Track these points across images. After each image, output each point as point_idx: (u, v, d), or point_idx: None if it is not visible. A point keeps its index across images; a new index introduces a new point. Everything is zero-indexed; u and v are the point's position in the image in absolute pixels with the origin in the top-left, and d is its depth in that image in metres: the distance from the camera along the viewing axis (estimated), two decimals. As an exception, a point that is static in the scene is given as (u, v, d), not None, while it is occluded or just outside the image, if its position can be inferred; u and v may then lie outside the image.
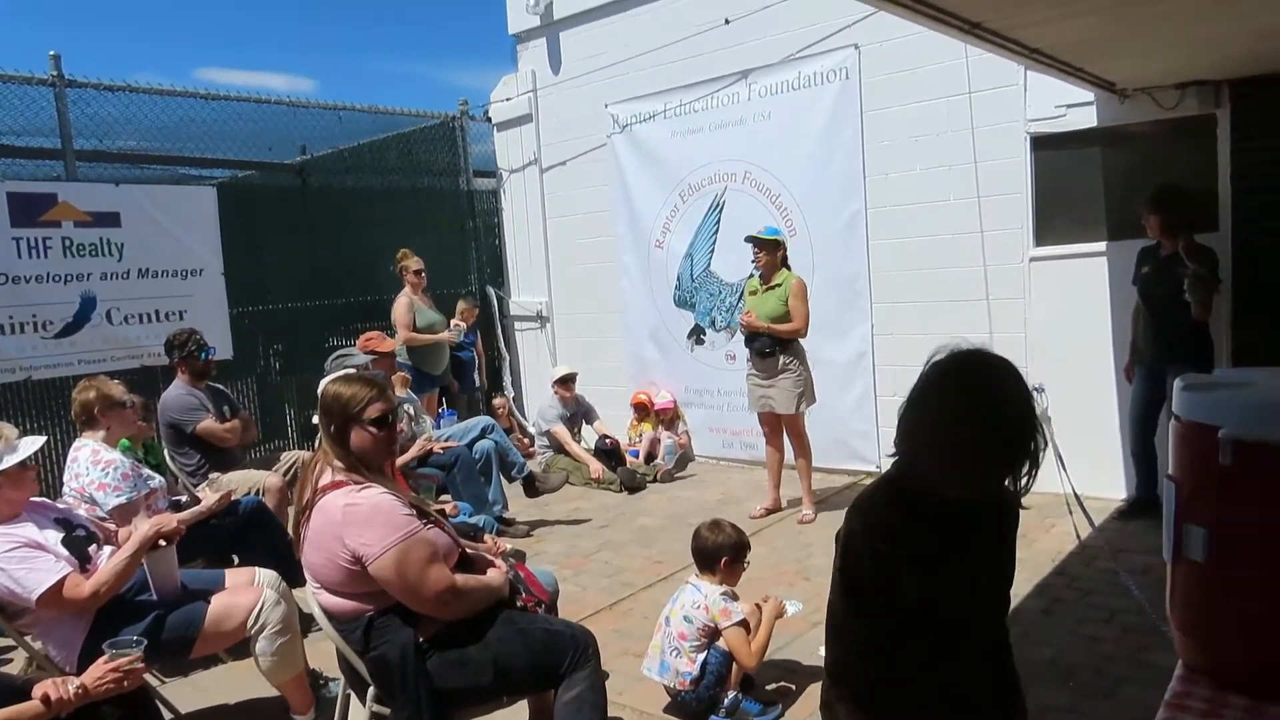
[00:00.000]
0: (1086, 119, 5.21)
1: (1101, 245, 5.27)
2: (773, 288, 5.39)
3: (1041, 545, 4.69)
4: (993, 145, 5.51)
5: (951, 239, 5.73)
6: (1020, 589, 4.11)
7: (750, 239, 5.45)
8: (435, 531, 2.54)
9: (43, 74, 5.85)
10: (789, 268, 5.48)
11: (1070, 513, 4.51)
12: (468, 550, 2.74)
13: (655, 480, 6.67)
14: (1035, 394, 5.00)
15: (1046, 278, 5.45)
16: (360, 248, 7.71)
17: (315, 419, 2.74)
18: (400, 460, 4.79)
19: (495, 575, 2.67)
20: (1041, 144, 5.40)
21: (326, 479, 2.49)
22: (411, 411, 5.43)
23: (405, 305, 6.69)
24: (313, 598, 2.52)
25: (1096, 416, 5.29)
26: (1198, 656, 1.52)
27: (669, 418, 7.13)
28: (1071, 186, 5.37)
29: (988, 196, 5.56)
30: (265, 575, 3.29)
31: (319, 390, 2.71)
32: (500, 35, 7.99)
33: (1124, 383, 5.15)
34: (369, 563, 2.36)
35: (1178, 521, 1.51)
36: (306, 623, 3.18)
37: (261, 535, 4.09)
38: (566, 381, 6.95)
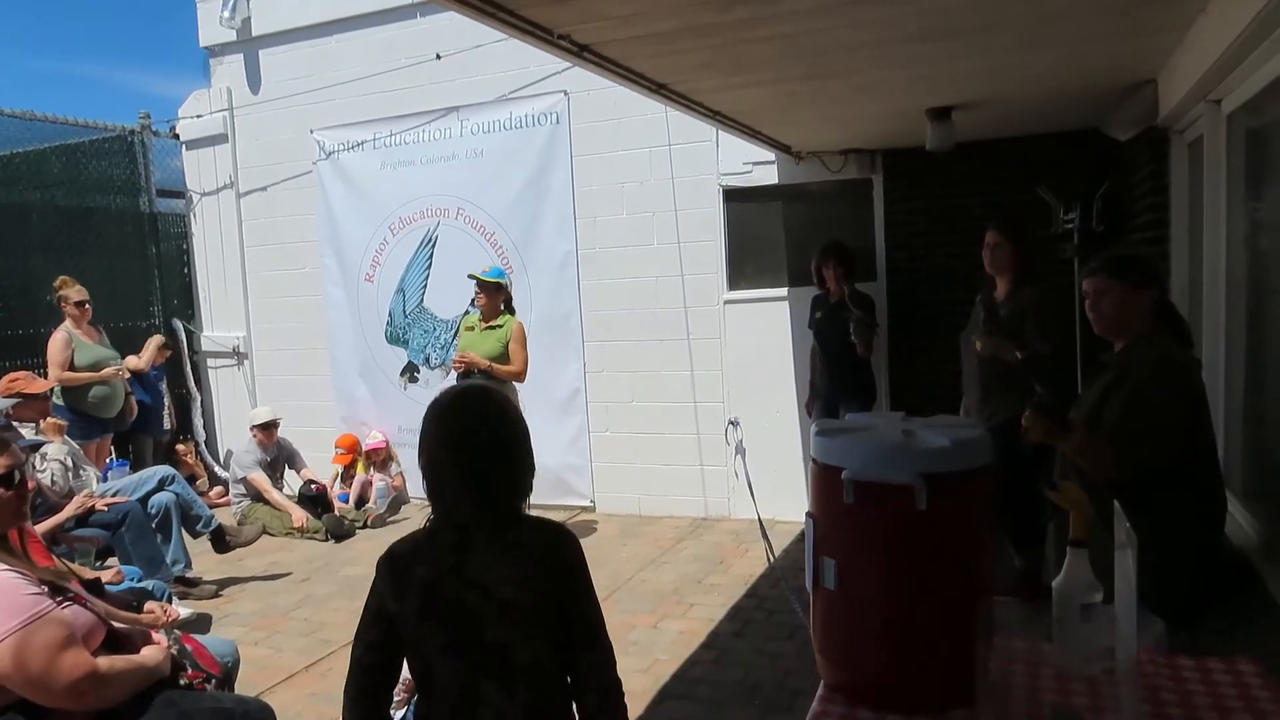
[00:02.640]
0: (769, 176, 5.75)
1: (784, 290, 5.82)
2: (492, 328, 5.36)
3: (737, 570, 5.03)
4: (691, 195, 5.91)
5: (655, 281, 6.05)
6: (717, 614, 4.38)
7: (473, 278, 5.41)
8: (73, 609, 2.21)
9: None
10: (512, 311, 5.49)
11: (762, 538, 4.88)
12: (120, 626, 2.42)
13: (366, 526, 6.35)
14: (731, 427, 5.30)
15: (738, 319, 5.92)
16: (12, 273, 6.67)
17: None
18: (50, 521, 4.18)
19: (152, 652, 2.37)
20: (731, 196, 5.88)
21: (-80, 558, 2.08)
22: (68, 462, 4.75)
23: (61, 341, 5.84)
24: (-99, 703, 2.09)
25: (784, 447, 5.79)
26: (833, 675, 1.68)
27: (381, 459, 6.84)
28: (758, 236, 5.90)
29: (687, 242, 5.95)
30: None
31: None
32: (191, 43, 7.35)
33: (807, 415, 5.68)
34: (-21, 655, 2.00)
35: (815, 554, 1.66)
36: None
37: None
38: (268, 427, 6.43)
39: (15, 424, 4.45)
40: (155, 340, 6.76)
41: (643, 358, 6.12)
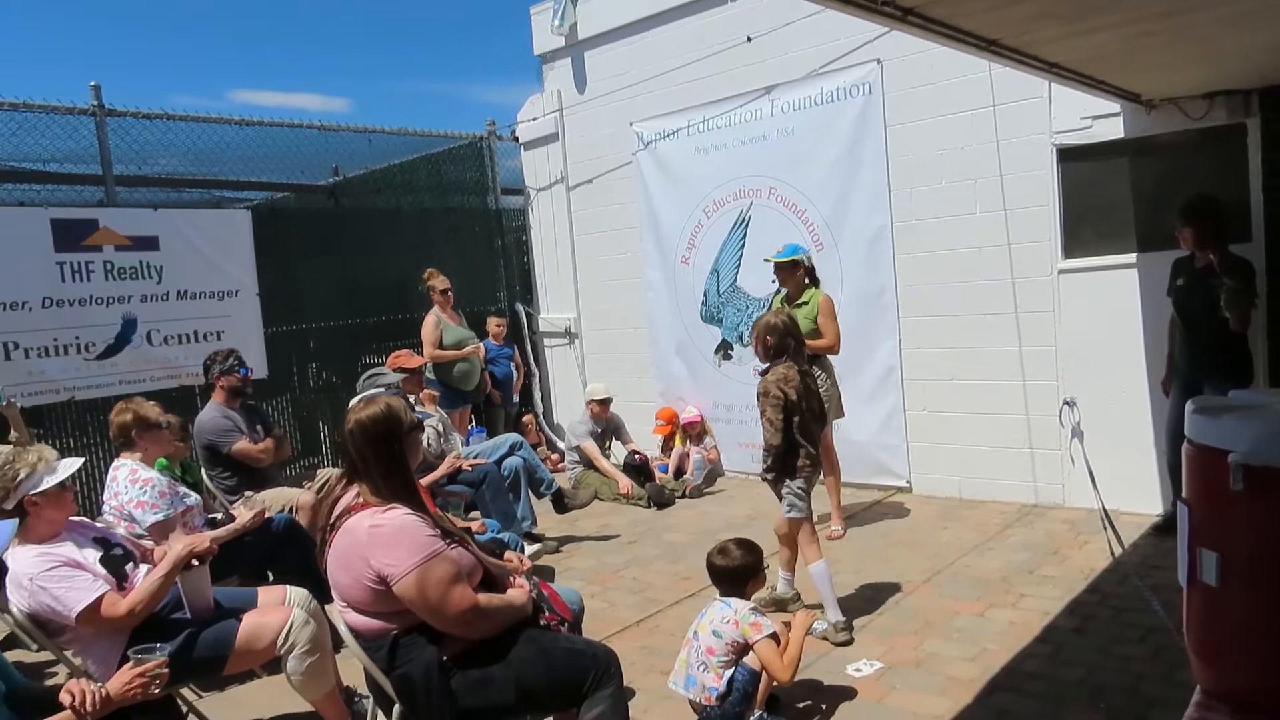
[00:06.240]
0: (1113, 130, 5.16)
1: (1131, 257, 5.21)
2: (800, 305, 5.38)
3: (1074, 562, 4.63)
4: (1018, 158, 5.47)
5: (978, 252, 5.70)
6: (1052, 607, 4.08)
7: (770, 262, 5.46)
8: (459, 551, 2.57)
9: (84, 104, 6.05)
10: (817, 283, 5.47)
11: (1104, 529, 4.45)
12: (492, 569, 2.77)
13: (684, 496, 6.68)
14: (1066, 408, 5.00)
15: (1076, 290, 5.40)
16: (391, 267, 7.84)
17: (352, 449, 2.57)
18: (429, 478, 4.86)
19: (518, 594, 2.69)
20: (1068, 156, 5.35)
21: (349, 499, 2.54)
22: (440, 428, 5.50)
23: (432, 323, 6.80)
24: (339, 616, 2.57)
25: (1131, 431, 5.22)
26: (1213, 681, 1.51)
27: (697, 432, 7.14)
28: (1099, 198, 5.32)
29: (1014, 209, 5.52)
30: (296, 594, 3.35)
31: (357, 420, 2.57)
32: (527, 54, 8.12)
33: (1159, 396, 5.07)
34: (393, 583, 2.40)
35: (1191, 545, 1.50)
36: (339, 640, 3.24)
37: (294, 552, 4.16)
38: (604, 402, 6.97)
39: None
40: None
41: (964, 333, 5.80)
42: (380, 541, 2.42)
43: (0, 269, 5.56)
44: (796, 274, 5.38)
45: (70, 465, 3.04)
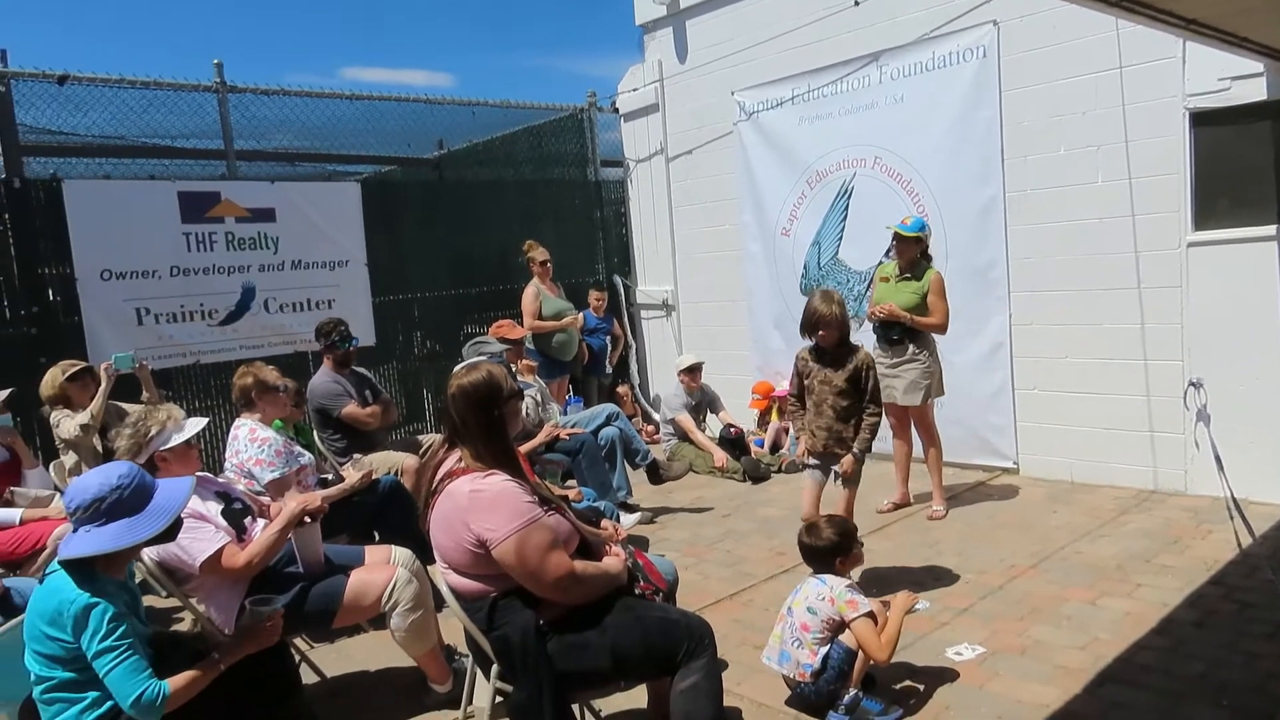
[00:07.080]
0: (1255, 91, 4.78)
1: (1271, 229, 4.83)
2: (908, 279, 5.21)
3: (1196, 551, 4.38)
4: (1146, 123, 5.14)
5: (1099, 223, 5.39)
6: (1171, 598, 3.87)
7: (893, 231, 5.27)
8: (556, 518, 2.60)
9: (207, 81, 6.33)
10: (930, 260, 5.28)
11: (1231, 518, 4.20)
12: (588, 536, 2.80)
13: (780, 470, 6.61)
14: (1192, 389, 4.74)
15: (1207, 264, 5.06)
16: (493, 238, 7.97)
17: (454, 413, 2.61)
18: (527, 446, 4.95)
19: (613, 562, 2.71)
20: (1202, 120, 4.99)
21: (451, 463, 2.60)
22: (538, 397, 5.58)
23: (532, 294, 6.90)
24: (441, 577, 2.64)
25: (1263, 414, 4.88)
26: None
27: (793, 407, 7.04)
28: (1237, 166, 4.94)
29: (1140, 178, 5.20)
30: (400, 554, 3.47)
31: (459, 386, 2.61)
32: (627, 25, 8.07)
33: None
34: (492, 547, 2.45)
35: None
36: (440, 599, 3.34)
37: (398, 513, 4.31)
38: (693, 371, 6.97)
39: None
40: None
41: (1081, 309, 5.52)
42: (480, 506, 2.47)
43: (133, 239, 5.91)
44: (915, 249, 5.20)
45: (196, 424, 3.21)
